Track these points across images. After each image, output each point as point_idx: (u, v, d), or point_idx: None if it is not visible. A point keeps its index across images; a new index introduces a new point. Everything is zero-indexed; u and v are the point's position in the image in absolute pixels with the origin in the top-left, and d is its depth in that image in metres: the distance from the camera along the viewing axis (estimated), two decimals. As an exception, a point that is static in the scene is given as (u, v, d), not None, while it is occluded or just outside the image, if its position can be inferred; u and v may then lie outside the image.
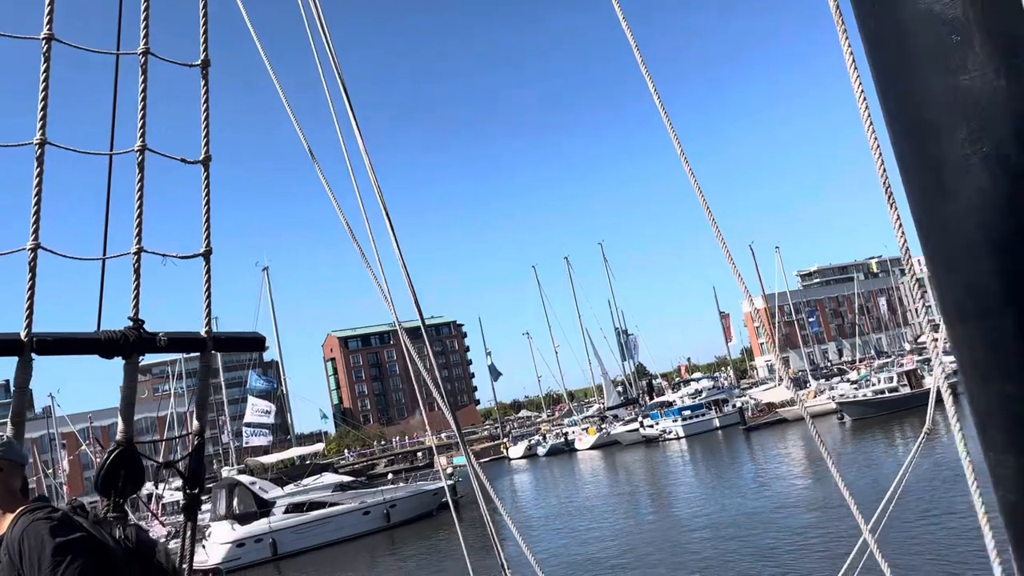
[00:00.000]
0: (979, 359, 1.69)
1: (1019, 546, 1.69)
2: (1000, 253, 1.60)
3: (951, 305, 1.74)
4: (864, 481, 28.69)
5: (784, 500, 30.21)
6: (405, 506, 45.36)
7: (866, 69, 1.88)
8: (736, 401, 75.41)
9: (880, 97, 1.83)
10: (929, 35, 1.65)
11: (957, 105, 1.63)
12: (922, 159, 1.74)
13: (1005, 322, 1.61)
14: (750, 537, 24.95)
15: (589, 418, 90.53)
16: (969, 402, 1.76)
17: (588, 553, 27.68)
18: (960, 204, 1.66)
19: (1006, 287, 1.60)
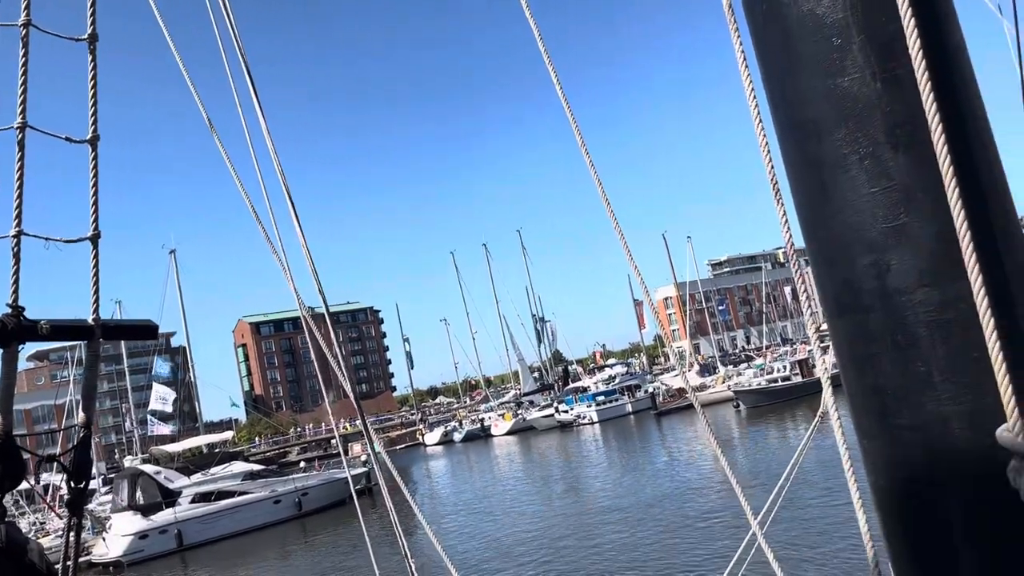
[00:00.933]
0: (855, 352, 1.76)
1: (888, 529, 1.77)
2: (874, 251, 1.67)
3: (831, 299, 1.81)
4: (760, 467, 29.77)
5: (690, 484, 31.05)
6: (317, 494, 44.75)
7: (756, 68, 1.93)
8: (648, 387, 77.11)
9: (767, 96, 1.88)
10: (812, 38, 1.70)
11: (836, 106, 1.69)
12: (805, 157, 1.80)
13: (878, 317, 1.68)
14: (656, 521, 25.58)
15: (506, 404, 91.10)
16: (846, 392, 1.83)
17: (500, 539, 27.92)
18: (838, 202, 1.72)
19: (879, 284, 1.67)
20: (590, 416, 72.28)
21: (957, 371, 1.60)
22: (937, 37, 1.64)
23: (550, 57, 2.73)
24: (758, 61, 1.88)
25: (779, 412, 51.13)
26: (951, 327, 1.60)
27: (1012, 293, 1.61)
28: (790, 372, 61.11)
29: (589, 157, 2.66)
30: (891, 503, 1.74)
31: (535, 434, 72.95)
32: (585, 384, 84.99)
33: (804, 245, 1.89)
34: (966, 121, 1.65)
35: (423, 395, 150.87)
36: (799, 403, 53.37)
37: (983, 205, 1.62)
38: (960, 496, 1.62)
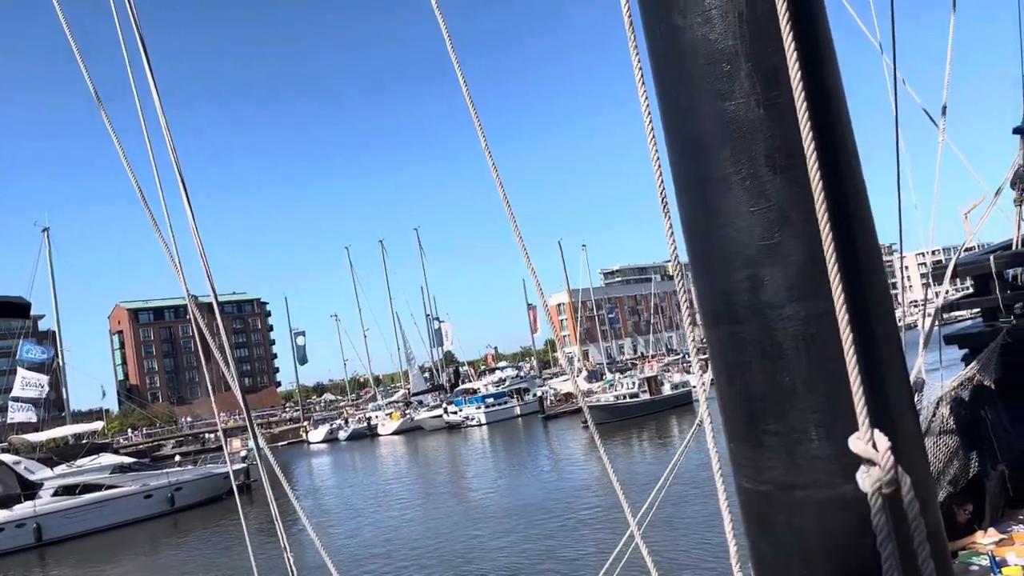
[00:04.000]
0: (728, 361, 1.87)
1: (752, 529, 1.88)
2: (750, 266, 1.77)
3: (708, 310, 1.91)
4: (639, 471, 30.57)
5: (572, 487, 31.60)
6: (192, 490, 43.07)
7: (652, 86, 2.01)
8: (537, 390, 77.99)
9: (661, 113, 1.97)
10: (704, 61, 1.80)
11: (723, 128, 1.79)
12: (692, 174, 1.89)
13: (750, 329, 1.79)
14: (538, 522, 25.91)
15: (394, 403, 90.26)
16: (718, 398, 1.93)
17: (382, 538, 27.64)
18: (720, 219, 1.82)
19: (753, 298, 1.78)
20: (479, 418, 72.50)
21: (817, 382, 1.72)
22: (817, 70, 1.76)
23: (458, 61, 2.76)
24: (654, 79, 1.96)
25: (625, 430, 49.70)
26: (814, 341, 1.72)
27: (871, 312, 1.75)
28: (638, 389, 59.85)
29: (492, 160, 2.70)
30: (754, 505, 1.85)
31: (423, 434, 72.58)
32: (475, 386, 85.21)
33: (688, 258, 1.99)
34: (838, 149, 1.78)
35: (309, 391, 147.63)
36: (646, 420, 52.14)
37: (849, 228, 1.75)
38: (816, 499, 1.74)
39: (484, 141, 2.70)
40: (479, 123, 2.71)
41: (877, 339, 1.74)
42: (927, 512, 1.65)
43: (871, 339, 1.73)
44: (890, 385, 1.76)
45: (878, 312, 1.77)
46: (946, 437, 7.27)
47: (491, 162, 2.70)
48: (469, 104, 2.69)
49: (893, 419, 1.72)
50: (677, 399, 58.84)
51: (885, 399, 1.73)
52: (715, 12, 1.75)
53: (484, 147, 2.68)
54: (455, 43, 2.75)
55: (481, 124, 2.67)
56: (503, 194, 2.70)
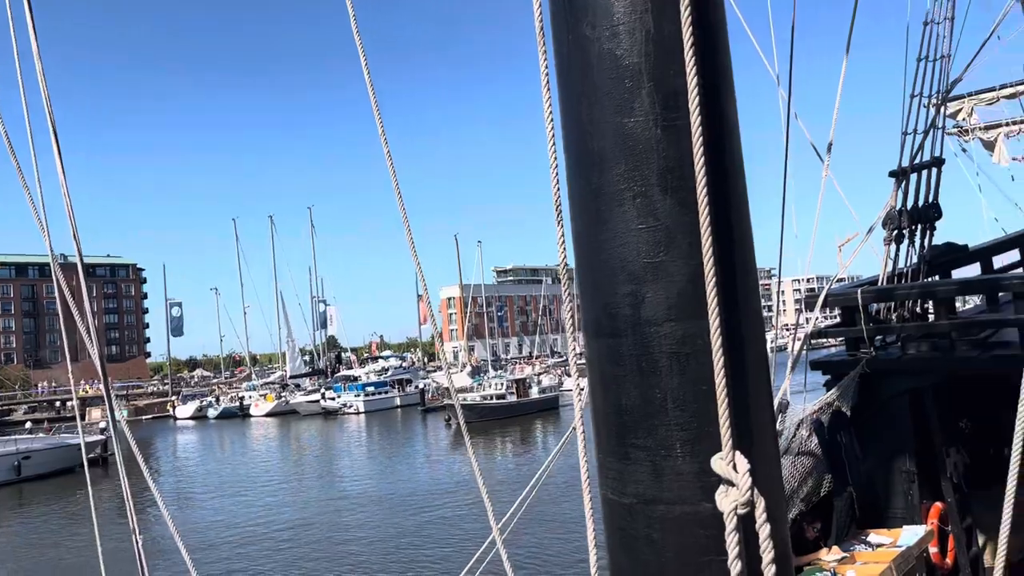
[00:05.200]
0: (605, 372, 1.88)
1: (613, 541, 1.91)
2: (633, 282, 1.80)
3: (591, 321, 1.92)
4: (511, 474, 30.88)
5: (443, 482, 31.54)
6: (42, 459, 40.62)
7: (556, 95, 2.01)
8: (420, 382, 77.61)
9: (562, 122, 1.97)
10: (609, 75, 1.81)
11: (621, 144, 1.80)
12: (587, 186, 1.90)
13: (628, 343, 1.81)
14: (405, 516, 25.77)
15: (270, 384, 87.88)
16: (591, 409, 1.95)
17: (242, 522, 26.85)
18: (609, 233, 1.84)
19: (634, 313, 1.80)
20: (357, 406, 71.54)
21: (687, 401, 1.75)
22: (715, 96, 1.80)
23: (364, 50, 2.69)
24: (559, 89, 1.96)
25: (490, 431, 49.09)
26: (688, 360, 1.75)
27: (743, 336, 1.80)
28: (506, 391, 59.53)
29: (387, 147, 2.64)
30: (617, 518, 1.87)
31: (297, 419, 70.98)
32: (356, 373, 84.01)
33: (575, 268, 2.00)
34: (728, 176, 1.82)
35: (181, 365, 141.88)
36: (511, 423, 51.61)
37: (730, 254, 1.79)
38: (676, 515, 1.77)
39: (381, 127, 2.64)
40: (377, 109, 2.66)
41: (747, 363, 1.80)
42: (777, 533, 1.71)
43: (741, 363, 1.78)
44: (755, 409, 1.82)
45: (751, 337, 1.83)
46: (803, 457, 7.66)
47: (386, 149, 2.64)
48: (369, 88, 2.63)
49: (755, 442, 1.78)
50: (543, 403, 59.21)
51: (749, 422, 1.78)
52: (623, 28, 1.76)
53: (380, 133, 2.62)
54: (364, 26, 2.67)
55: (379, 109, 2.62)
56: (395, 182, 2.65)
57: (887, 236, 8.71)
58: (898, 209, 8.73)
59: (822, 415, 7.82)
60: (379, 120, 2.64)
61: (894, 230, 8.66)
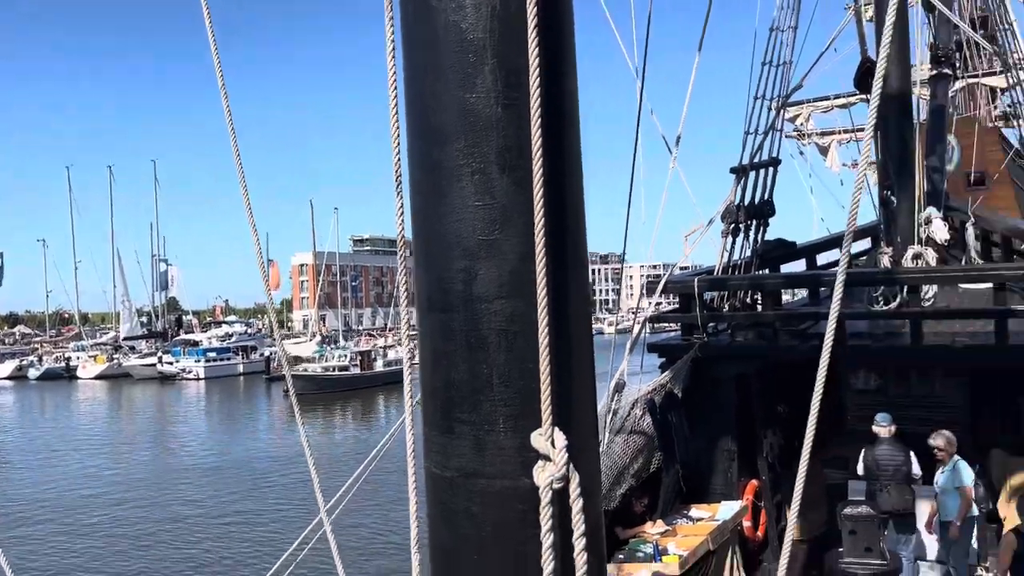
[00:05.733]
0: (436, 347, 1.88)
1: (434, 515, 1.92)
2: (467, 258, 1.80)
3: (424, 296, 1.91)
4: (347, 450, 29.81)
5: (279, 455, 30.14)
6: None
7: (401, 65, 1.97)
8: (265, 350, 75.16)
9: (406, 93, 1.94)
10: (453, 48, 1.79)
11: (462, 119, 1.79)
12: (427, 159, 1.88)
13: (459, 318, 1.82)
14: (236, 489, 24.90)
15: (101, 345, 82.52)
16: (421, 383, 1.95)
17: (54, 493, 25.14)
18: (447, 207, 1.83)
19: (466, 289, 1.80)
20: (196, 371, 68.46)
21: (512, 377, 1.78)
22: (557, 78, 1.82)
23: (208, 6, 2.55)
24: (404, 59, 1.92)
25: (331, 403, 47.17)
26: (515, 338, 1.78)
27: (569, 317, 1.84)
28: (349, 363, 57.82)
29: (227, 103, 2.52)
30: (439, 491, 1.89)
31: (131, 383, 67.10)
32: (198, 337, 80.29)
33: (412, 241, 1.98)
34: (565, 158, 1.85)
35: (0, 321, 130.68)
36: (354, 396, 49.94)
37: (562, 235, 1.83)
38: (495, 489, 1.80)
39: (221, 79, 2.52)
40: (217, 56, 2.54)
41: (572, 343, 1.84)
42: (590, 508, 1.78)
43: (566, 342, 1.82)
44: (577, 387, 1.87)
45: (576, 318, 1.88)
46: (636, 436, 8.04)
47: (225, 104, 2.52)
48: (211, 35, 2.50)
49: (575, 419, 1.83)
50: (389, 376, 57.99)
51: (570, 399, 1.83)
52: (469, 1, 1.75)
53: (221, 87, 2.50)
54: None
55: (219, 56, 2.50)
56: (233, 140, 2.54)
57: (725, 229, 9.24)
58: (736, 204, 9.26)
59: (656, 396, 8.22)
60: (218, 67, 2.52)
61: (731, 224, 9.19)
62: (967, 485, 7.50)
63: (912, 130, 9.65)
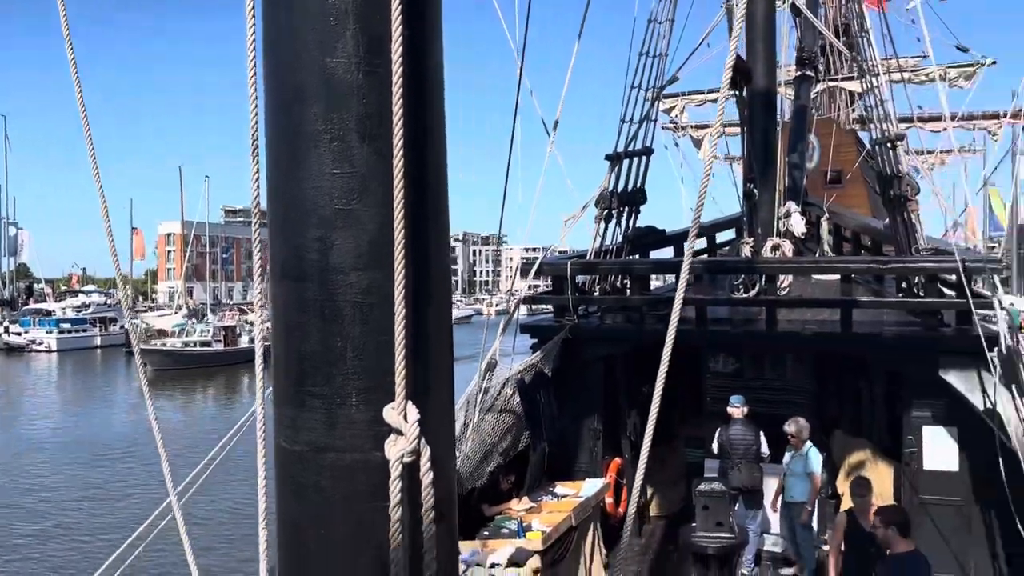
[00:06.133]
0: (289, 318, 1.83)
1: (283, 491, 1.87)
2: (323, 227, 1.75)
3: (277, 265, 1.85)
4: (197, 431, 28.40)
5: (133, 433, 28.44)
6: None
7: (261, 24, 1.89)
8: (126, 322, 71.26)
9: (264, 55, 1.86)
10: (314, 11, 1.73)
11: (322, 84, 1.74)
12: (285, 123, 1.82)
13: (313, 288, 1.77)
14: (85, 469, 23.42)
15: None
16: (273, 355, 1.89)
17: None
18: (303, 174, 1.77)
19: (321, 259, 1.76)
20: (48, 343, 64.19)
21: (367, 350, 1.76)
22: (421, 49, 1.79)
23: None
24: (263, 18, 1.85)
25: (191, 379, 44.75)
26: (372, 310, 1.75)
27: (429, 292, 1.83)
28: (212, 338, 55.06)
29: (72, 53, 2.35)
30: (289, 466, 1.84)
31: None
32: (51, 307, 75.22)
33: (267, 208, 1.92)
34: (428, 131, 1.83)
35: None
36: (217, 372, 47.65)
37: (423, 208, 1.81)
38: (346, 463, 1.77)
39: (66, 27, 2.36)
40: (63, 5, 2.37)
41: (429, 317, 1.84)
42: (442, 482, 1.78)
43: (424, 316, 1.81)
44: (434, 361, 1.87)
45: (436, 291, 1.87)
46: (506, 414, 8.14)
47: (70, 53, 2.36)
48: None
49: (430, 393, 1.83)
50: (253, 353, 55.80)
51: (426, 374, 1.82)
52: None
53: (65, 36, 2.34)
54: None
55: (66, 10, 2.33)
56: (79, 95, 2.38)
57: (598, 214, 9.45)
58: (610, 191, 9.49)
59: (526, 375, 8.35)
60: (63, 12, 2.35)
61: (604, 210, 9.42)
62: (817, 472, 7.99)
63: (775, 128, 10.15)
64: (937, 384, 7.17)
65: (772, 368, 9.97)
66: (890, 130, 9.81)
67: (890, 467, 8.28)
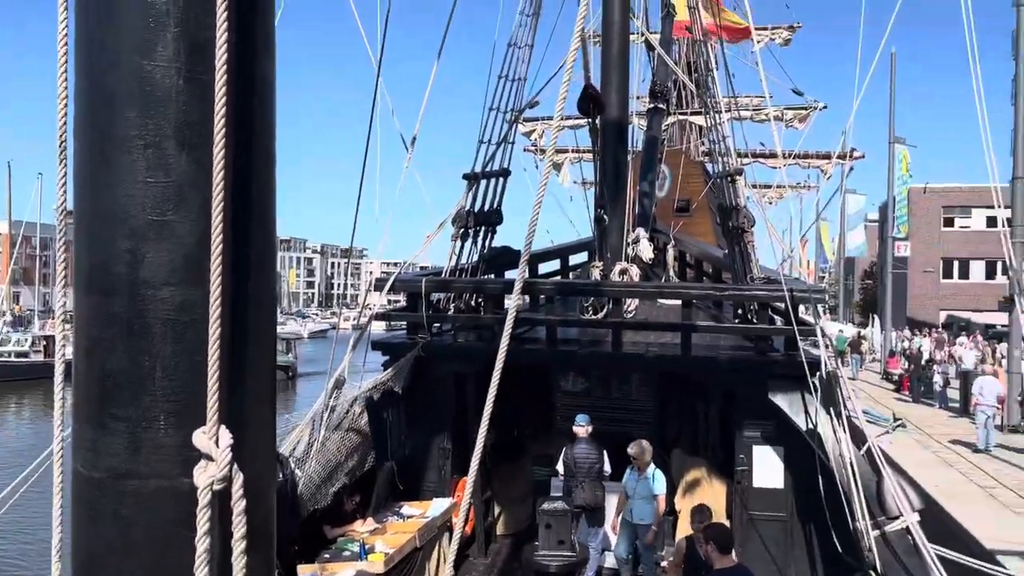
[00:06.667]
0: (92, 334, 1.71)
1: (80, 519, 1.73)
2: (135, 238, 1.65)
3: (83, 277, 1.72)
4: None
5: None
6: None
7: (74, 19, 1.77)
8: (-64, 330, 64.56)
9: (76, 51, 1.74)
10: (132, 10, 1.63)
11: (137, 87, 1.64)
12: (95, 126, 1.70)
13: (121, 303, 1.66)
14: None
15: None
16: (74, 373, 1.76)
17: None
18: (114, 180, 1.66)
19: (131, 272, 1.65)
20: None
21: (179, 371, 1.66)
22: (250, 57, 1.73)
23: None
24: (76, 12, 1.73)
25: (3, 393, 41.32)
26: (184, 329, 1.66)
27: (247, 308, 1.75)
28: (31, 348, 50.70)
29: None
30: (86, 493, 1.71)
31: None
32: None
33: (74, 216, 1.79)
34: (253, 140, 1.77)
35: None
36: (37, 384, 42.90)
37: (247, 221, 1.74)
38: (150, 490, 1.67)
39: None
40: None
41: (249, 336, 1.76)
42: (256, 510, 1.70)
43: (243, 335, 1.73)
44: (251, 383, 1.79)
45: (258, 309, 1.79)
46: (352, 433, 7.95)
47: None
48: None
49: (247, 417, 1.75)
50: None
51: (243, 396, 1.74)
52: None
53: None
54: None
55: None
56: None
57: (455, 233, 9.48)
58: (467, 210, 9.54)
59: (375, 393, 8.20)
60: None
61: (461, 228, 9.46)
62: (662, 494, 8.24)
63: (626, 157, 10.55)
64: (766, 406, 7.61)
65: (618, 388, 10.29)
66: (731, 164, 10.41)
67: (724, 485, 8.70)
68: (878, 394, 23.92)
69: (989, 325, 39.54)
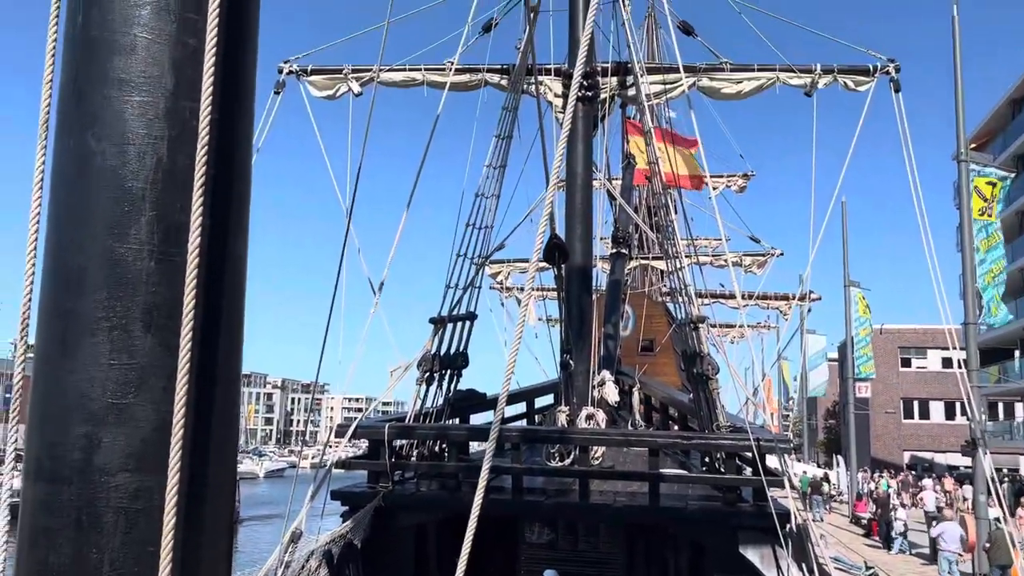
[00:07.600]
0: (37, 523, 1.61)
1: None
2: (92, 423, 1.58)
3: (31, 461, 1.65)
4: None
5: None
6: None
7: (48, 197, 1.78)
8: None
9: (48, 232, 1.74)
10: (106, 194, 1.63)
11: (106, 268, 1.61)
12: (58, 306, 1.66)
13: (71, 491, 1.58)
14: None
15: None
16: (15, 565, 1.65)
17: None
18: (75, 363, 1.61)
19: (85, 458, 1.58)
20: None
21: (128, 564, 1.57)
22: (222, 237, 1.74)
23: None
24: (49, 196, 1.74)
25: None
26: (138, 517, 1.58)
27: (206, 496, 1.68)
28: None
29: None
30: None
31: None
32: None
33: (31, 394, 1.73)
34: (221, 321, 1.74)
35: None
36: None
37: (209, 408, 1.69)
38: None
39: None
40: None
41: (206, 526, 1.68)
42: None
43: (199, 525, 1.65)
44: (207, 564, 1.70)
45: (215, 496, 1.72)
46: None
47: None
48: None
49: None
50: None
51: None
52: (133, 149, 1.64)
53: None
54: None
55: None
56: None
57: (420, 376, 9.39)
58: (433, 353, 9.51)
59: (333, 547, 7.84)
60: None
61: (426, 372, 9.38)
62: None
63: (590, 302, 10.71)
64: (736, 558, 7.41)
65: (585, 539, 9.97)
66: (693, 312, 10.60)
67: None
68: (847, 538, 23.53)
69: (952, 466, 39.63)
